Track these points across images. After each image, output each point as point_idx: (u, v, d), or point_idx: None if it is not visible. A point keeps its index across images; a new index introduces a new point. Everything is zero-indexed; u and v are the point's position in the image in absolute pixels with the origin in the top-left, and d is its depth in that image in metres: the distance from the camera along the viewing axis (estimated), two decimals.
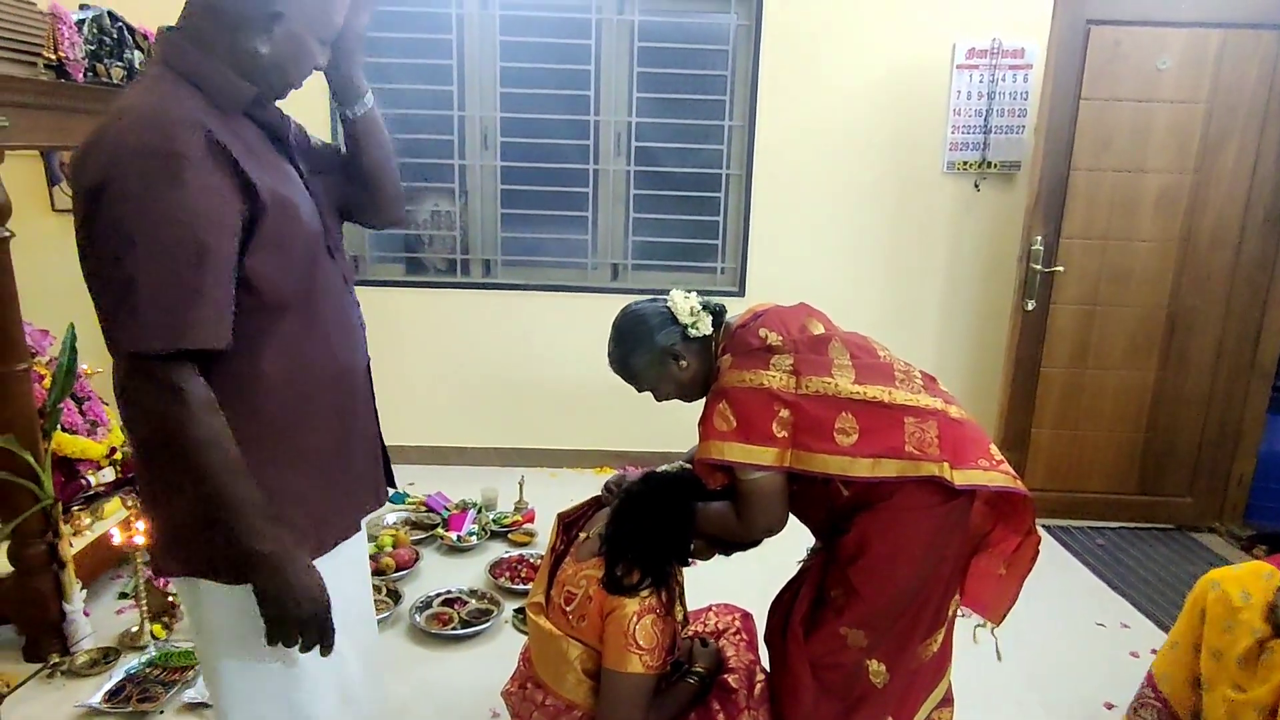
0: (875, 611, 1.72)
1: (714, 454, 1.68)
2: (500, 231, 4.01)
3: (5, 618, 2.54)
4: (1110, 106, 3.37)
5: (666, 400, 1.90)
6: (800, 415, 1.66)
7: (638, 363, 1.83)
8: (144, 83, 1.29)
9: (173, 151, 1.18)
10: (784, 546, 2.22)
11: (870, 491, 1.70)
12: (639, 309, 1.87)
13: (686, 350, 1.81)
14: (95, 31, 2.42)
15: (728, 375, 1.74)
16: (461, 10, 3.75)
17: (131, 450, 1.39)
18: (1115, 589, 3.20)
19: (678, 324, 1.81)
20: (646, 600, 1.72)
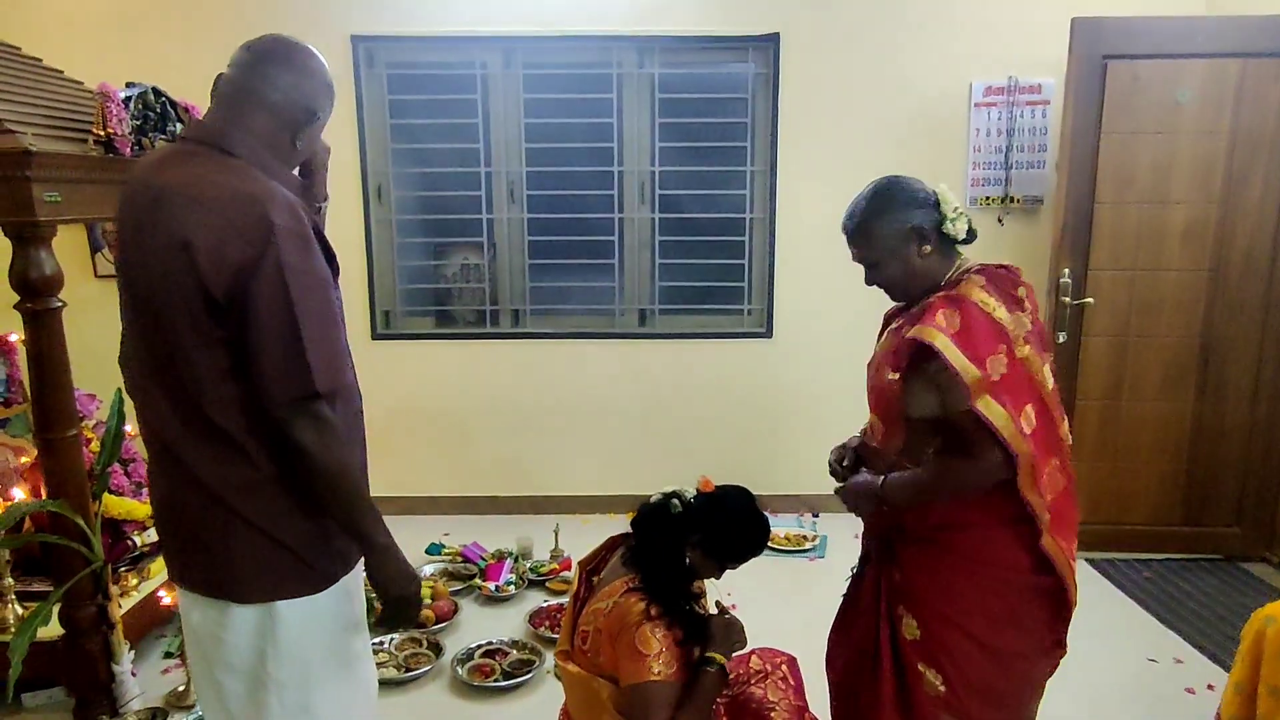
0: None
1: (926, 337, 1.61)
2: (528, 282, 4.07)
3: (56, 679, 2.57)
4: (1132, 140, 3.39)
5: (873, 285, 1.81)
6: (1012, 372, 1.62)
7: (883, 226, 1.72)
8: (233, 170, 1.43)
9: (305, 229, 1.42)
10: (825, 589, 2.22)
11: (963, 507, 1.70)
12: (907, 179, 1.78)
13: (933, 240, 1.73)
14: (140, 107, 2.52)
15: (974, 291, 1.66)
16: (486, 70, 3.86)
17: (236, 484, 1.47)
18: (1165, 623, 3.13)
19: (939, 210, 1.73)
20: (648, 612, 1.75)
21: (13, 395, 3.06)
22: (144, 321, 1.47)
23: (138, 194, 1.47)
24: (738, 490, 1.96)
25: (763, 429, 4.10)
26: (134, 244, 1.45)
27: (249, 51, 1.52)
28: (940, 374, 1.61)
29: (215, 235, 1.36)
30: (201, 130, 1.52)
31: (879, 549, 1.90)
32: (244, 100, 1.48)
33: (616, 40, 3.81)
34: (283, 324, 1.38)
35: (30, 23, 3.32)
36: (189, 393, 1.43)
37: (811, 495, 4.16)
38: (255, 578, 1.49)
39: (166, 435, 1.49)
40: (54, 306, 2.29)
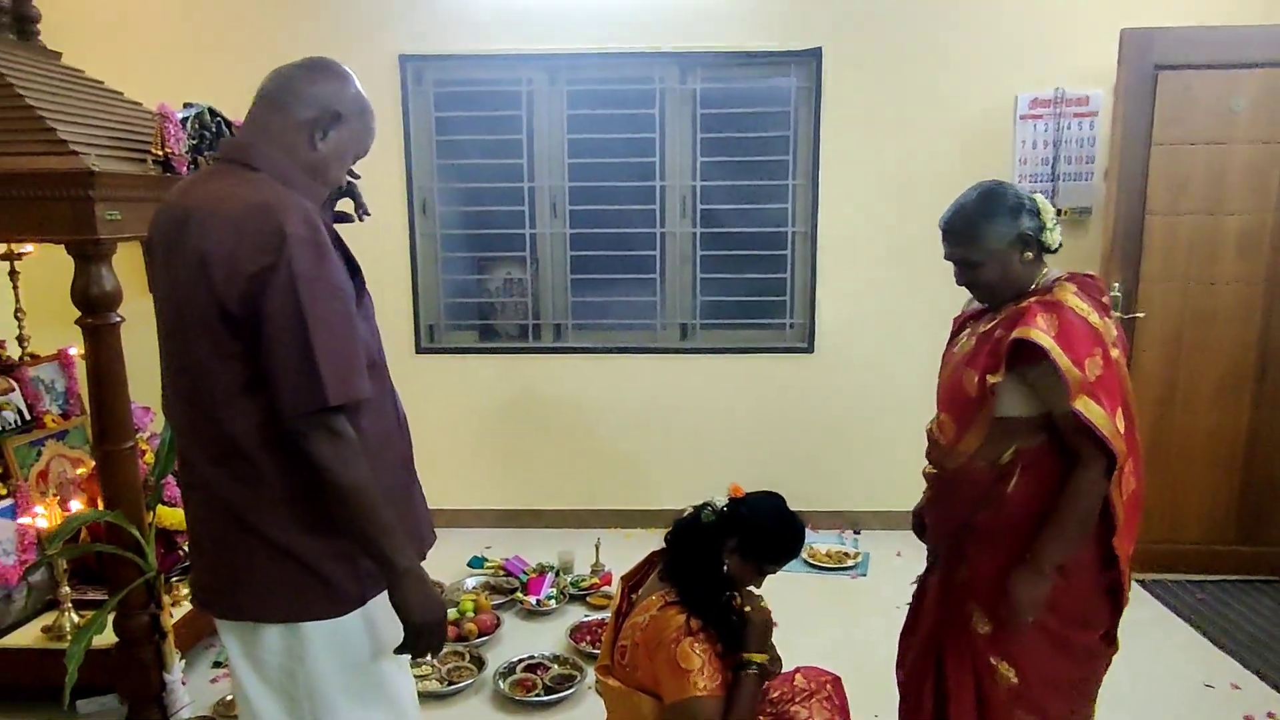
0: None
1: (1033, 337, 1.65)
2: (570, 296, 4.09)
3: (109, 687, 2.63)
4: (1183, 150, 3.32)
5: (967, 284, 1.85)
6: (1106, 373, 1.67)
7: (991, 227, 1.75)
8: (250, 182, 1.45)
9: (320, 238, 1.40)
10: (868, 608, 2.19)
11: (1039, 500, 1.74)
12: (1011, 185, 1.83)
13: (1034, 248, 1.78)
14: (197, 127, 2.58)
15: (1069, 296, 1.72)
16: (531, 87, 3.90)
17: (254, 501, 1.47)
18: (1222, 647, 3.05)
19: (1040, 219, 1.77)
20: (686, 626, 1.74)
21: (71, 408, 3.15)
22: (171, 339, 1.49)
23: (168, 214, 1.50)
24: (768, 493, 1.97)
25: (804, 444, 4.07)
26: (163, 263, 1.48)
27: (271, 76, 1.55)
28: (1046, 375, 1.65)
29: (228, 247, 1.36)
30: (227, 147, 1.56)
31: (947, 549, 1.94)
32: (265, 110, 1.51)
33: (659, 57, 3.83)
34: (295, 334, 1.36)
35: (93, 46, 3.42)
36: (208, 409, 1.43)
37: (853, 512, 4.12)
38: (277, 598, 1.48)
39: (190, 453, 1.51)
40: (113, 322, 2.36)
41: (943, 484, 1.92)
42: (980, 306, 1.92)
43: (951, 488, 1.88)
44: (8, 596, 2.64)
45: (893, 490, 4.10)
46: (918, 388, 3.96)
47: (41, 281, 3.16)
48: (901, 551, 3.85)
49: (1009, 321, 1.73)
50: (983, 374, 1.74)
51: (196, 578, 1.62)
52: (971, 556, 1.86)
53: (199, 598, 1.62)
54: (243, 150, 1.50)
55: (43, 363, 3.12)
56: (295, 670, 1.53)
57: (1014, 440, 1.75)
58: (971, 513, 1.83)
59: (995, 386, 1.71)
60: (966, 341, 1.87)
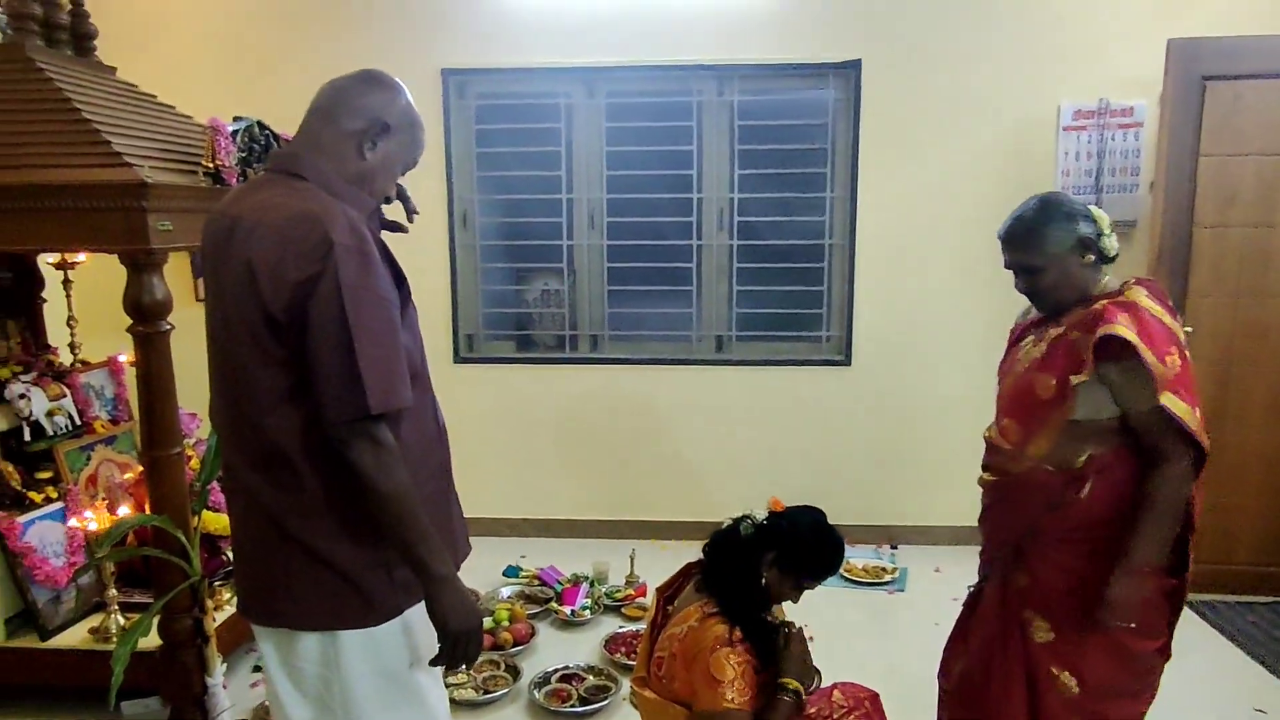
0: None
1: (1120, 332, 1.67)
2: (607, 307, 4.11)
3: (153, 689, 2.67)
4: (1232, 162, 3.26)
5: (1027, 290, 1.88)
6: (1184, 371, 1.70)
7: (1052, 232, 1.80)
8: (297, 192, 1.47)
9: (366, 247, 1.42)
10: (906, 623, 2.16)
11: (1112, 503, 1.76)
12: (1070, 197, 1.88)
13: (1094, 253, 1.81)
14: (246, 139, 2.64)
15: (1141, 298, 1.75)
16: (570, 100, 3.94)
17: (300, 509, 1.49)
18: (1274, 671, 2.96)
19: (1096, 226, 1.81)
20: (723, 638, 1.74)
21: (120, 414, 3.22)
22: (217, 345, 1.52)
23: (216, 224, 1.53)
24: (808, 508, 1.96)
25: (841, 457, 4.04)
26: (212, 273, 1.52)
27: (322, 90, 1.58)
28: (1132, 371, 1.68)
29: (274, 255, 1.39)
30: (276, 157, 1.59)
31: (1007, 557, 1.94)
32: (316, 121, 1.54)
33: (697, 69, 3.84)
34: (339, 341, 1.37)
35: (147, 62, 3.51)
36: (251, 415, 1.46)
37: (891, 526, 4.07)
38: (314, 606, 1.50)
39: (233, 459, 1.53)
40: (163, 329, 2.41)
41: (1005, 489, 1.92)
42: (1039, 315, 1.94)
43: (1016, 493, 1.89)
44: (57, 598, 2.70)
45: (931, 505, 4.06)
46: (955, 401, 3.94)
47: (93, 290, 3.24)
48: (940, 567, 3.79)
49: (1085, 323, 1.75)
50: (1062, 376, 1.75)
51: (238, 583, 1.64)
52: (1033, 564, 1.87)
53: (240, 603, 1.64)
54: (291, 160, 1.53)
55: (93, 369, 3.20)
56: (331, 678, 1.54)
57: (1089, 444, 1.76)
58: (1037, 518, 1.84)
59: (1079, 387, 1.73)
60: (1032, 348, 1.89)
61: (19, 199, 2.28)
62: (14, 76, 2.49)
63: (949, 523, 4.03)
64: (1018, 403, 1.87)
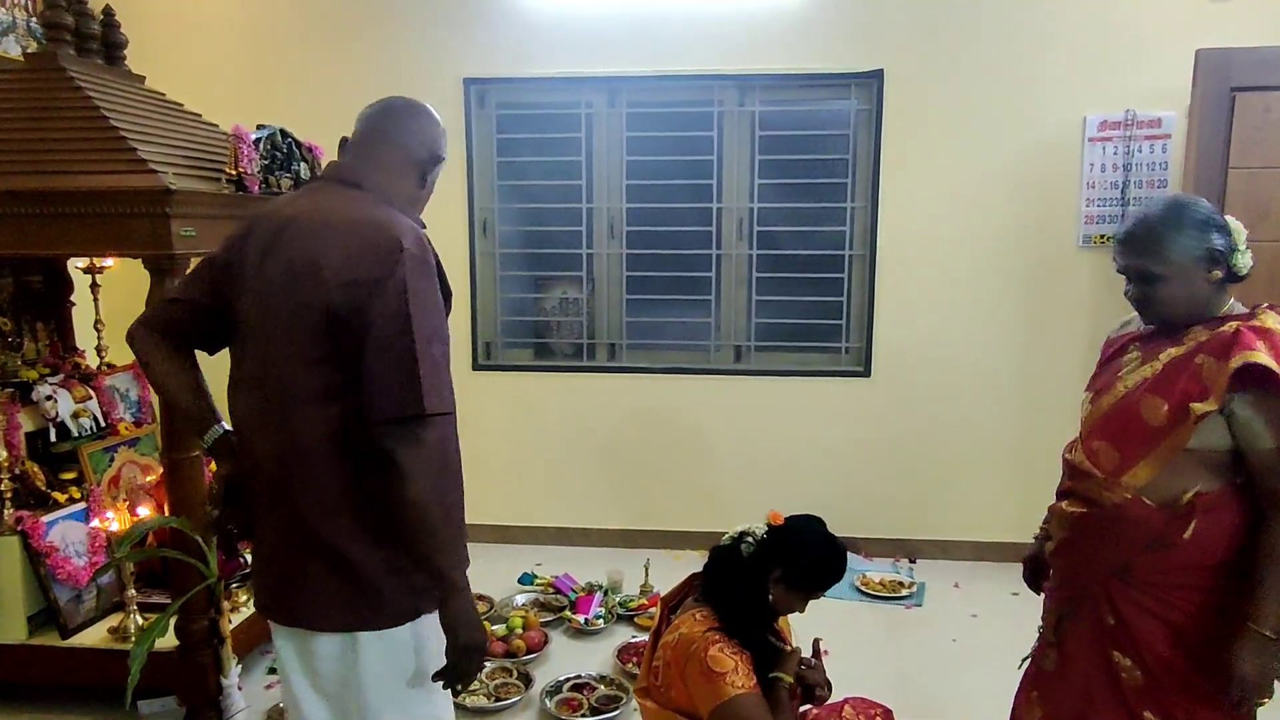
0: None
1: (1263, 361, 1.51)
2: (625, 316, 4.11)
3: (169, 689, 2.70)
4: (1263, 175, 3.20)
5: (1138, 299, 1.70)
6: None
7: (1178, 241, 1.62)
8: (361, 200, 1.54)
9: (429, 258, 1.50)
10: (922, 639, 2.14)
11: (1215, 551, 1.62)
12: (1203, 201, 1.69)
13: (1220, 267, 1.64)
14: (269, 148, 2.68)
15: (1276, 326, 1.58)
16: (591, 109, 3.96)
17: (337, 509, 1.51)
18: None
19: (1231, 239, 1.65)
20: (708, 635, 1.74)
21: (143, 416, 3.27)
22: (255, 343, 1.54)
23: (263, 226, 1.56)
24: (808, 518, 1.95)
25: (859, 470, 4.01)
26: (256, 270, 1.53)
27: (375, 106, 1.64)
28: (1270, 403, 1.53)
29: (344, 254, 1.44)
30: (332, 169, 1.63)
31: (1092, 600, 1.76)
32: (375, 142, 1.60)
33: (718, 79, 3.85)
34: (400, 342, 1.42)
35: (174, 71, 3.58)
36: (283, 413, 1.48)
37: (909, 540, 4.03)
38: (331, 606, 1.52)
39: (259, 457, 1.54)
40: None
41: (1093, 523, 1.71)
42: (1146, 330, 1.78)
43: (1108, 527, 1.68)
44: (78, 597, 2.74)
45: (951, 519, 4.02)
46: (975, 415, 3.90)
47: (121, 294, 3.29)
48: (959, 583, 3.75)
49: (1216, 347, 1.58)
50: (1180, 402, 1.58)
51: (258, 582, 1.66)
52: (1123, 607, 1.68)
53: (258, 602, 1.66)
54: (351, 171, 1.59)
55: (118, 372, 3.25)
56: (349, 679, 1.56)
57: (1196, 478, 1.60)
58: (1132, 558, 1.66)
59: (1204, 416, 1.55)
60: (1140, 366, 1.71)
61: (49, 204, 2.33)
62: (46, 85, 2.55)
63: (969, 538, 3.99)
64: (1118, 426, 1.68)
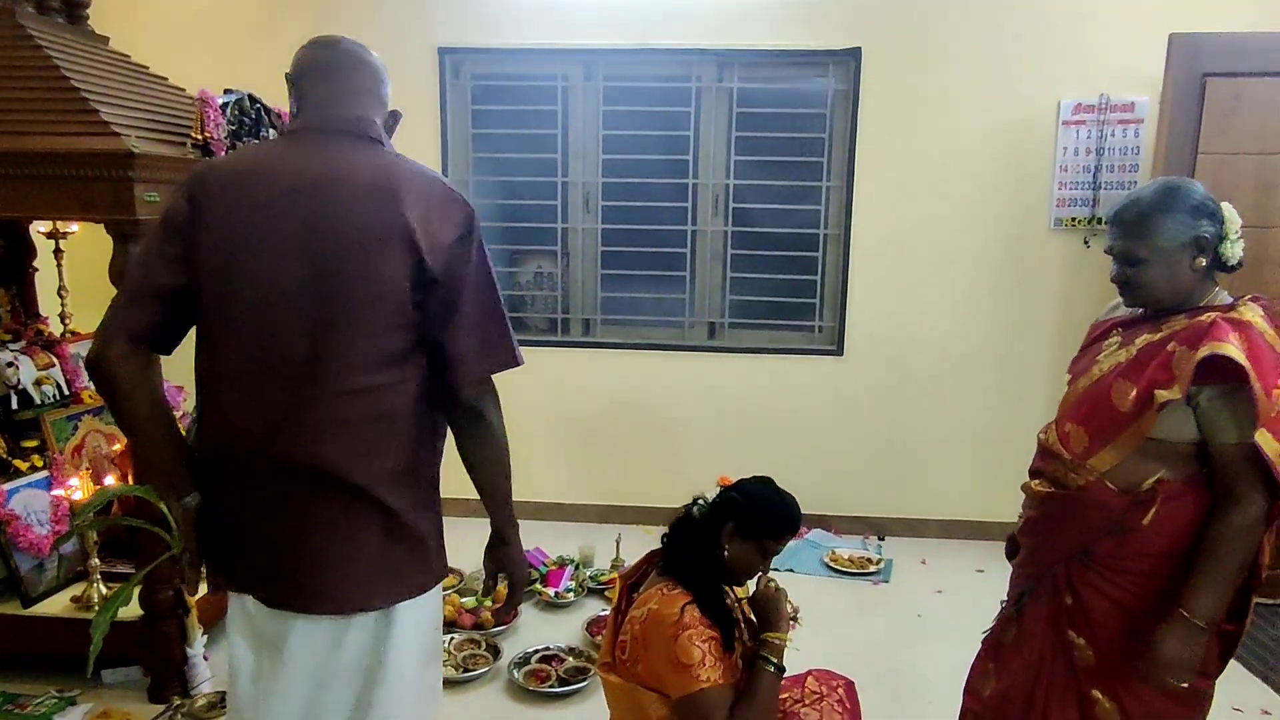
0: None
1: (1230, 353, 1.48)
2: (600, 292, 4.10)
3: (134, 658, 2.69)
4: (1231, 160, 3.24)
5: (1123, 281, 1.68)
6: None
7: (1166, 225, 1.60)
8: (399, 158, 1.50)
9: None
10: (888, 614, 2.17)
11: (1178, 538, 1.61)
12: (1198, 185, 1.66)
13: (1209, 256, 1.62)
14: (236, 113, 2.64)
15: (1256, 319, 1.56)
16: (567, 82, 3.92)
17: (407, 468, 1.50)
18: (1252, 670, 2.96)
19: (1222, 228, 1.62)
20: (681, 618, 1.72)
21: None
22: (298, 313, 1.39)
23: (285, 184, 1.40)
24: (755, 477, 1.95)
25: (830, 447, 4.04)
26: (282, 242, 1.39)
27: (344, 53, 1.52)
28: (1234, 398, 1.51)
29: (425, 215, 1.41)
30: (338, 120, 1.48)
31: (1052, 578, 1.77)
32: (361, 95, 1.51)
33: (696, 54, 3.82)
34: (490, 301, 1.47)
35: (139, 32, 3.50)
36: (349, 380, 1.39)
37: (877, 518, 4.07)
38: (383, 579, 1.47)
39: (300, 440, 1.40)
40: None
41: (1058, 503, 1.73)
42: (1131, 314, 1.77)
43: (1072, 509, 1.70)
44: (40, 565, 2.71)
45: (920, 497, 4.06)
46: (946, 395, 3.94)
47: (86, 261, 3.24)
48: (926, 559, 3.80)
49: (1189, 336, 1.55)
50: (1147, 388, 1.57)
51: (278, 581, 1.48)
52: (1079, 587, 1.70)
53: (281, 597, 1.48)
54: (369, 126, 1.50)
55: (83, 340, 3.19)
56: (378, 651, 1.50)
57: (1162, 466, 1.59)
58: (1092, 540, 1.67)
59: (1167, 404, 1.54)
60: (1117, 350, 1.71)
61: (7, 165, 2.28)
62: (4, 43, 2.49)
63: (937, 516, 4.04)
64: (1089, 409, 1.68)
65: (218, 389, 1.46)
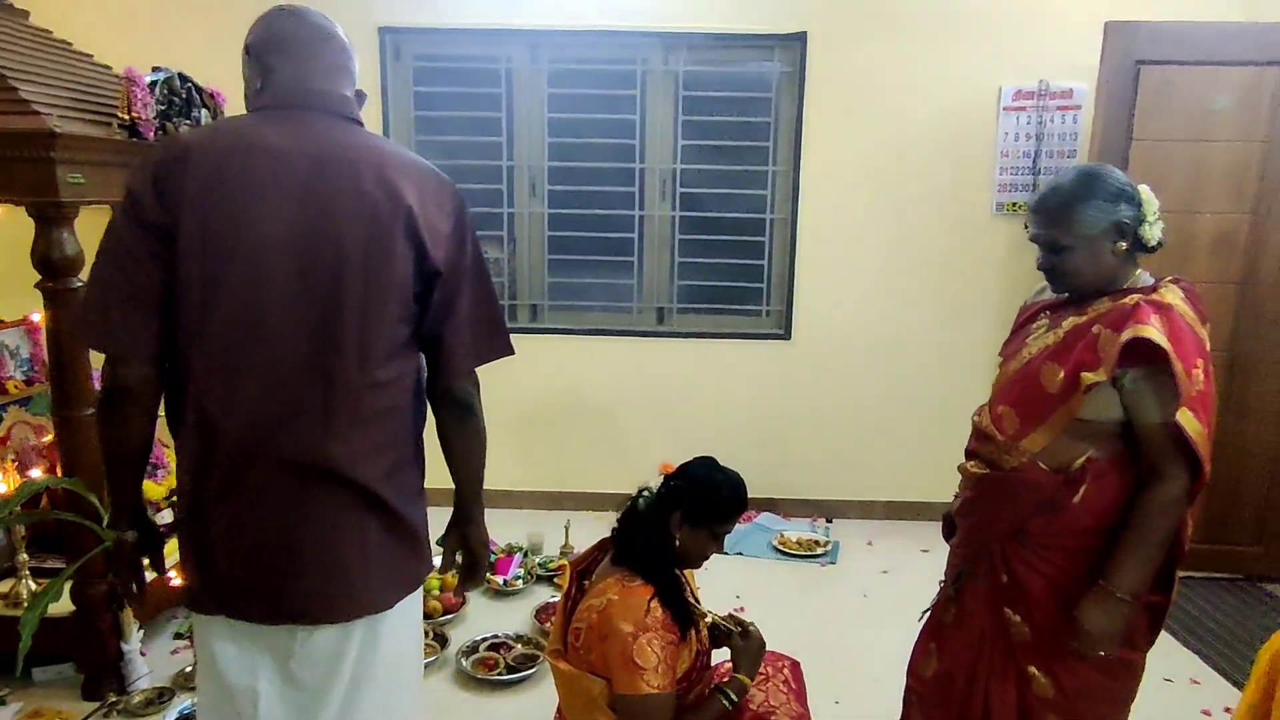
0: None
1: (1152, 336, 1.52)
2: (547, 277, 4.07)
3: (66, 655, 2.61)
4: (1163, 147, 3.32)
5: (1049, 268, 1.71)
6: (1207, 387, 1.58)
7: (1084, 212, 1.63)
8: (382, 140, 1.48)
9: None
10: (835, 595, 2.19)
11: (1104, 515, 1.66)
12: (1116, 171, 1.69)
13: (1130, 240, 1.65)
14: (166, 92, 2.55)
15: (1176, 301, 1.60)
16: (511, 64, 3.86)
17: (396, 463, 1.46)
18: (1182, 642, 3.07)
19: (1141, 211, 1.65)
20: (645, 619, 1.71)
21: (36, 375, 3.10)
22: (297, 308, 1.30)
23: (293, 161, 1.30)
24: (698, 459, 1.96)
25: (778, 432, 4.08)
26: (297, 215, 1.30)
27: (313, 25, 1.44)
28: (1156, 380, 1.55)
29: (421, 202, 1.36)
30: (315, 96, 1.38)
31: (989, 557, 1.80)
32: (334, 71, 1.43)
33: (642, 36, 3.79)
34: (486, 290, 1.46)
35: (62, 7, 3.36)
36: (356, 376, 1.32)
37: (825, 500, 4.13)
38: (387, 578, 1.42)
39: (300, 439, 1.32)
40: (74, 287, 2.32)
41: (992, 484, 1.76)
42: (1058, 298, 1.80)
43: (1006, 489, 1.73)
44: None
45: (867, 480, 4.12)
46: (893, 378, 3.99)
47: (10, 245, 3.10)
48: (873, 540, 3.86)
49: (1113, 319, 1.59)
50: (1074, 370, 1.61)
51: (273, 593, 1.37)
52: (1015, 566, 1.74)
53: (278, 610, 1.39)
54: (345, 104, 1.43)
55: (8, 328, 3.07)
56: (365, 657, 1.44)
57: (1090, 446, 1.63)
58: (1025, 519, 1.71)
59: (1092, 386, 1.58)
60: (1045, 334, 1.73)
61: None
62: None
63: (883, 497, 4.11)
64: (1019, 391, 1.71)
65: (201, 386, 1.33)
